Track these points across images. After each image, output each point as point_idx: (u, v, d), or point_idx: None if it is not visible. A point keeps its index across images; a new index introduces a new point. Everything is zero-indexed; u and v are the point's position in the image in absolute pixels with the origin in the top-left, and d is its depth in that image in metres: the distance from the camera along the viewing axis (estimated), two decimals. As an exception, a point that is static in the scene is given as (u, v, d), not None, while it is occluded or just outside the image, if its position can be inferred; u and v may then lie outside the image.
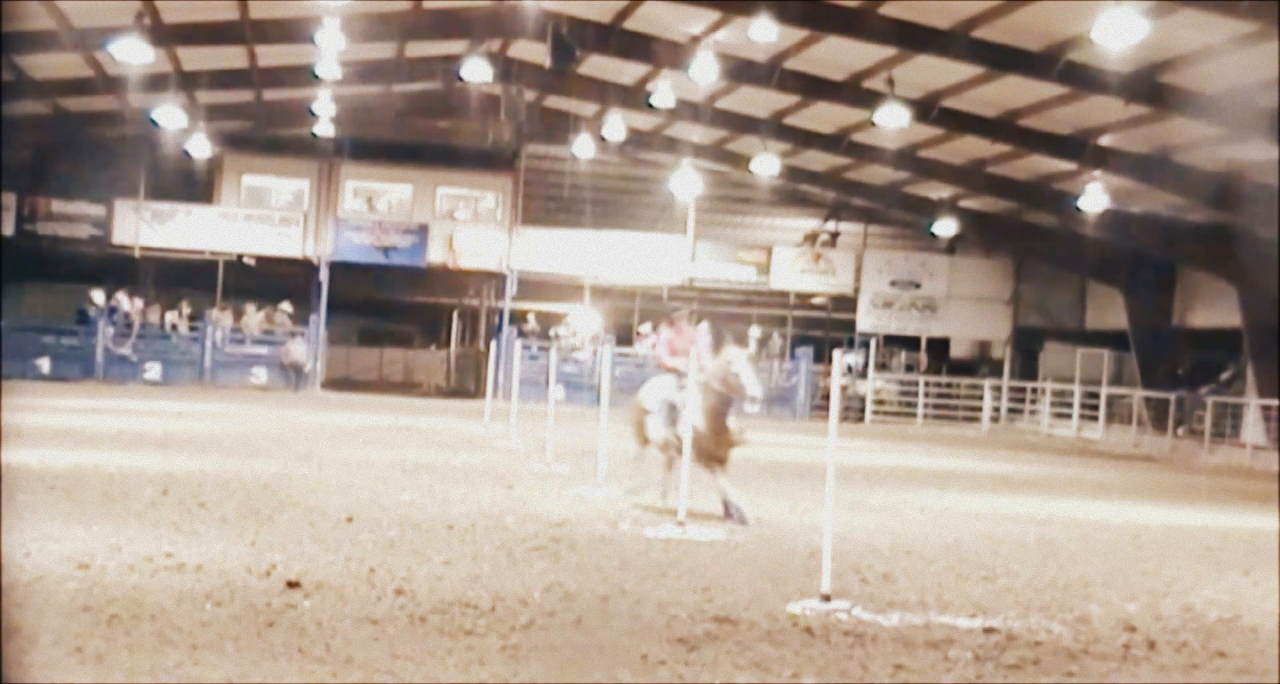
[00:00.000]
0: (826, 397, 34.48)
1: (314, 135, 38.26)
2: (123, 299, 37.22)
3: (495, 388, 29.99)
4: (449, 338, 47.36)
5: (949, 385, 40.36)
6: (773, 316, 42.29)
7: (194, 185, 38.82)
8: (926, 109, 28.99)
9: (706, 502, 13.58)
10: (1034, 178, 33.84)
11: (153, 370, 36.70)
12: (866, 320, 40.57)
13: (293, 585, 8.71)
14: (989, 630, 8.62)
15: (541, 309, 41.17)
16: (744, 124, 34.81)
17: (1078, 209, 32.59)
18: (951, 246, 41.37)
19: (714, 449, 13.39)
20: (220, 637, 7.28)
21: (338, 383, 40.75)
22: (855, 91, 29.28)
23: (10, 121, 31.23)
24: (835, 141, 34.39)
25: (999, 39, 24.90)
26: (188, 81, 33.36)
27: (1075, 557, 12.41)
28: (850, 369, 38.33)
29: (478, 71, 32.51)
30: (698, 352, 13.87)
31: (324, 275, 38.30)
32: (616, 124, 35.16)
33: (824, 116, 32.67)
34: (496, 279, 39.85)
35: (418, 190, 39.35)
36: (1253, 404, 30.53)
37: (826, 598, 9.04)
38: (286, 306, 38.59)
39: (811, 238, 41.55)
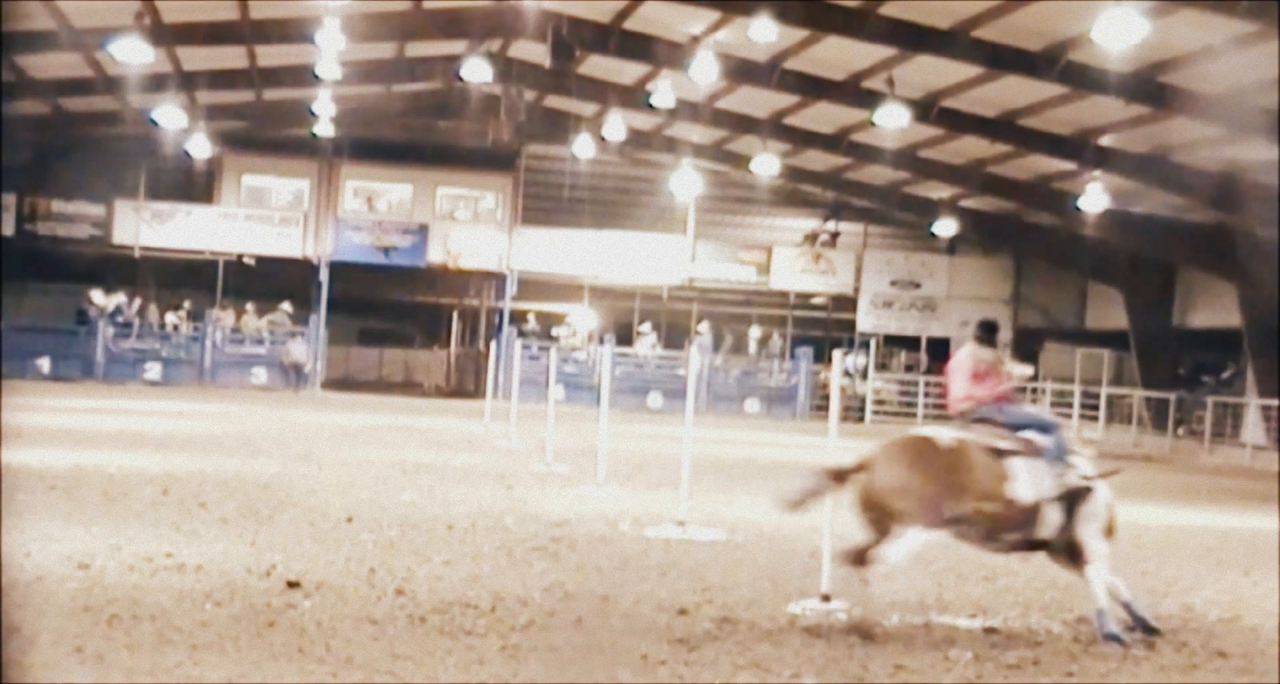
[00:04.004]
0: (827, 396, 34.47)
1: (314, 135, 38.24)
2: (123, 302, 37.25)
3: (495, 388, 29.98)
4: (449, 338, 47.33)
5: (949, 385, 40.29)
6: (773, 317, 42.29)
7: (194, 185, 38.84)
8: (926, 109, 28.99)
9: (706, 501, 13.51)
10: (1034, 178, 33.84)
11: (153, 370, 36.71)
12: (866, 320, 40.59)
13: (293, 585, 8.70)
14: (989, 630, 8.62)
15: (541, 309, 41.17)
16: (744, 124, 34.81)
17: (1078, 209, 32.60)
18: (951, 246, 41.37)
19: None
20: (220, 637, 7.28)
21: (338, 383, 40.73)
22: (855, 91, 29.29)
23: (10, 121, 31.23)
24: (835, 141, 34.40)
25: (999, 39, 24.91)
26: (188, 81, 33.34)
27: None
28: (850, 372, 38.32)
29: (478, 71, 32.51)
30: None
31: (324, 275, 38.30)
32: (616, 124, 35.14)
33: (824, 116, 32.67)
34: (496, 279, 39.86)
35: (418, 190, 39.37)
36: (1253, 404, 30.53)
37: (826, 598, 9.04)
38: (286, 307, 38.59)
39: (811, 238, 41.55)
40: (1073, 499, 8.65)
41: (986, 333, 9.40)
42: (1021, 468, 8.55)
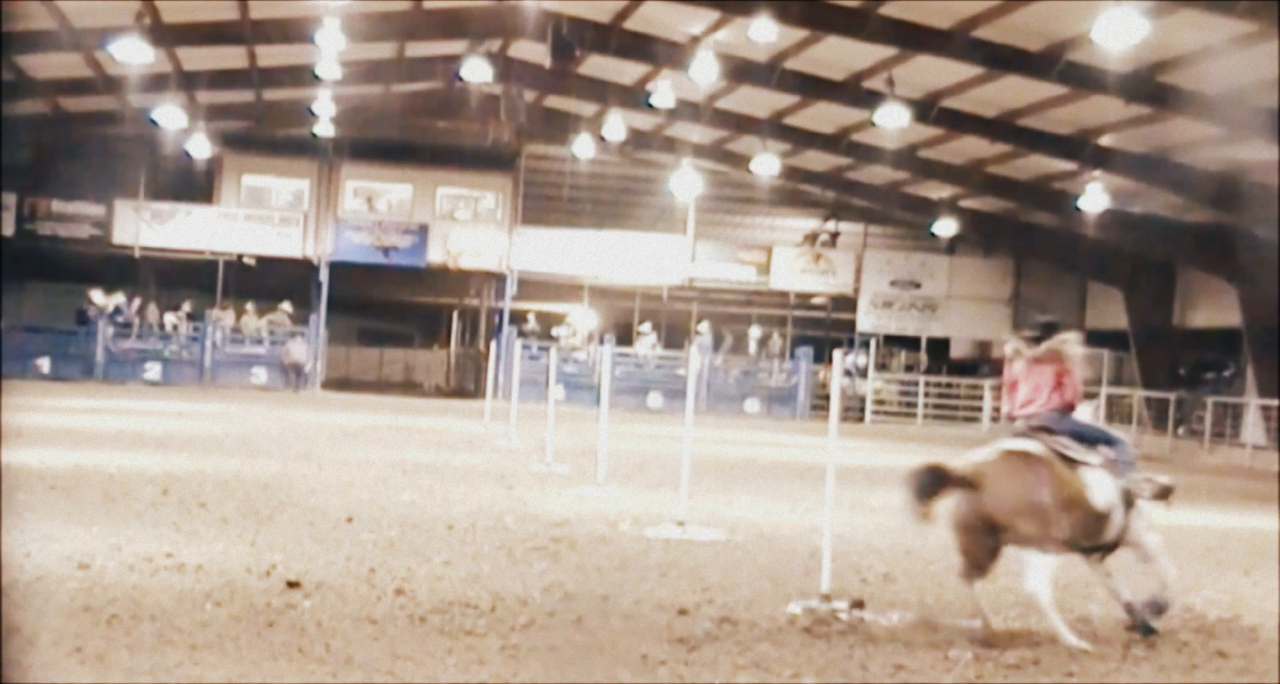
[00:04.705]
0: (827, 396, 34.46)
1: (314, 135, 38.24)
2: (123, 302, 37.28)
3: (495, 388, 29.99)
4: (449, 338, 47.38)
5: (949, 385, 40.36)
6: (773, 316, 42.29)
7: (194, 185, 38.82)
8: (926, 109, 28.99)
9: (707, 501, 13.50)
10: (1034, 178, 33.84)
11: (153, 370, 36.71)
12: (866, 320, 40.59)
13: (293, 585, 8.70)
14: (989, 630, 8.61)
15: (541, 309, 41.18)
16: (744, 124, 34.81)
17: (1078, 209, 32.60)
18: (951, 246, 41.38)
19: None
20: (220, 637, 7.28)
21: (338, 383, 40.75)
22: (855, 91, 29.28)
23: (10, 121, 31.22)
24: (835, 141, 34.39)
25: (999, 39, 24.90)
26: (188, 81, 33.35)
27: (1075, 557, 12.37)
28: (850, 372, 38.32)
29: (478, 71, 32.52)
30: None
31: (324, 275, 38.30)
32: (616, 124, 35.15)
33: (824, 116, 32.67)
34: (496, 279, 39.86)
35: (418, 190, 39.36)
36: (1253, 404, 30.53)
37: (826, 598, 9.03)
38: (286, 306, 38.59)
39: (811, 238, 41.57)
40: (1127, 501, 8.73)
41: (1048, 333, 8.99)
42: (1093, 477, 8.57)
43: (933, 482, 8.38)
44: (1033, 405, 8.83)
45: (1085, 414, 9.09)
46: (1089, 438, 8.78)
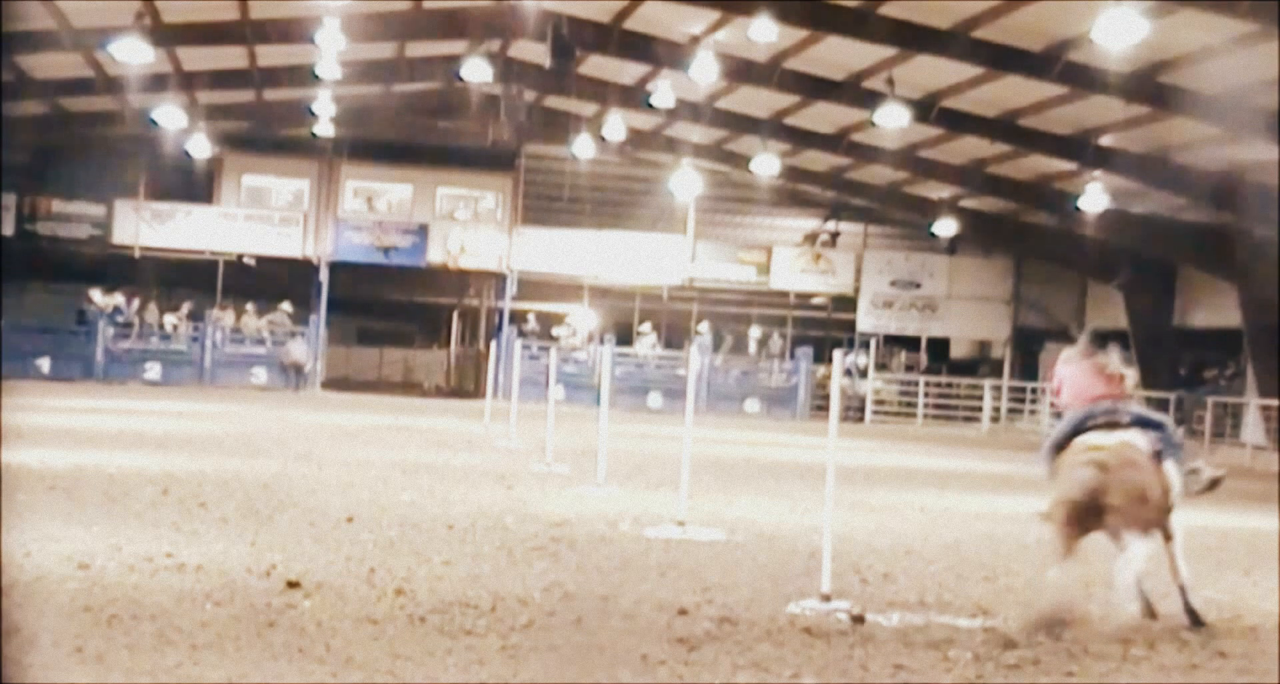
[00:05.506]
0: (827, 396, 34.46)
1: (314, 135, 38.25)
2: (123, 302, 37.29)
3: (495, 388, 29.99)
4: (449, 338, 47.38)
5: (949, 385, 40.36)
6: (773, 317, 42.30)
7: (194, 185, 38.83)
8: (926, 109, 29.01)
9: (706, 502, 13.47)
10: (1034, 178, 33.86)
11: (153, 370, 36.72)
12: (866, 320, 40.60)
13: (293, 585, 8.70)
14: (989, 630, 8.61)
15: (541, 309, 41.19)
16: (744, 124, 34.82)
17: (1078, 209, 32.61)
18: (951, 246, 41.37)
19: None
20: (220, 637, 7.28)
21: (338, 383, 40.75)
22: (855, 91, 29.31)
23: (10, 121, 31.24)
24: (835, 141, 34.41)
25: (999, 39, 24.92)
26: (188, 81, 33.37)
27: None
28: (851, 372, 38.32)
29: (478, 71, 32.55)
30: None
31: (324, 275, 38.32)
32: (616, 124, 35.16)
33: (824, 116, 32.69)
34: (496, 279, 39.87)
35: (418, 190, 39.38)
36: (1253, 404, 30.54)
37: (826, 598, 9.03)
38: (286, 306, 38.60)
39: (811, 238, 41.58)
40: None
41: (1094, 342, 10.09)
42: (1172, 471, 9.13)
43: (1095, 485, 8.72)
44: (1107, 398, 9.53)
45: None
46: (1148, 423, 9.34)
